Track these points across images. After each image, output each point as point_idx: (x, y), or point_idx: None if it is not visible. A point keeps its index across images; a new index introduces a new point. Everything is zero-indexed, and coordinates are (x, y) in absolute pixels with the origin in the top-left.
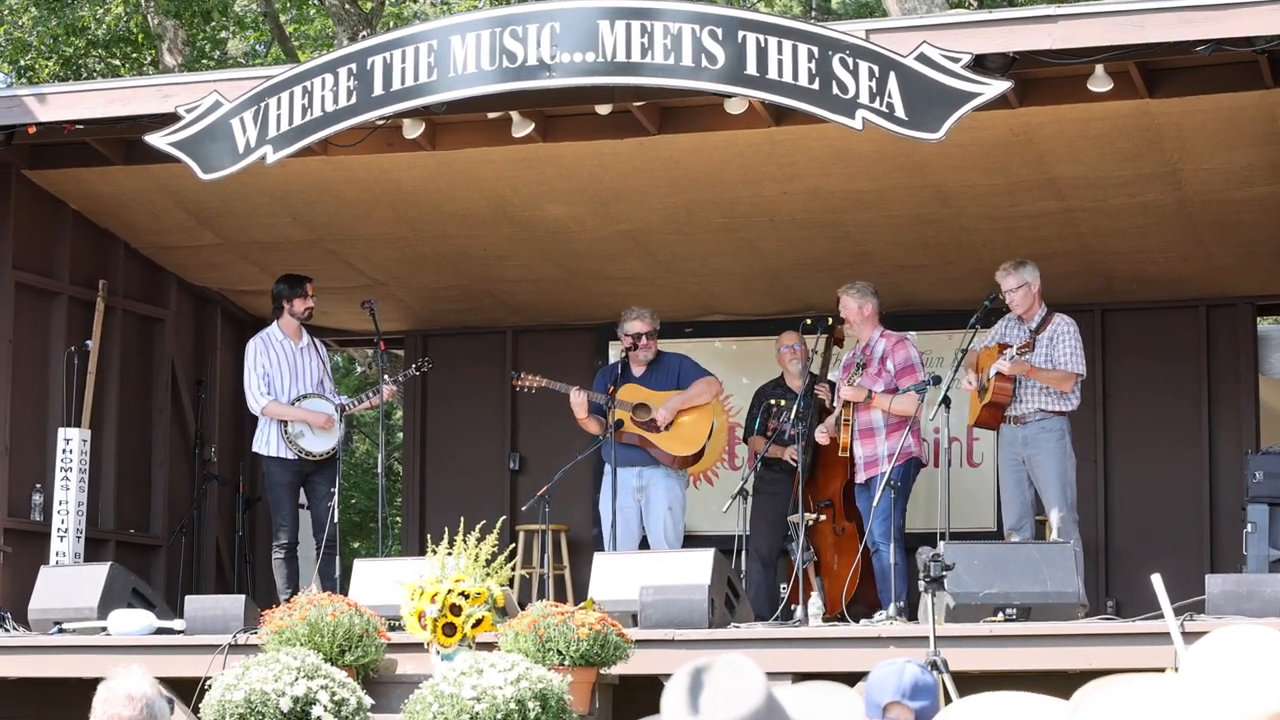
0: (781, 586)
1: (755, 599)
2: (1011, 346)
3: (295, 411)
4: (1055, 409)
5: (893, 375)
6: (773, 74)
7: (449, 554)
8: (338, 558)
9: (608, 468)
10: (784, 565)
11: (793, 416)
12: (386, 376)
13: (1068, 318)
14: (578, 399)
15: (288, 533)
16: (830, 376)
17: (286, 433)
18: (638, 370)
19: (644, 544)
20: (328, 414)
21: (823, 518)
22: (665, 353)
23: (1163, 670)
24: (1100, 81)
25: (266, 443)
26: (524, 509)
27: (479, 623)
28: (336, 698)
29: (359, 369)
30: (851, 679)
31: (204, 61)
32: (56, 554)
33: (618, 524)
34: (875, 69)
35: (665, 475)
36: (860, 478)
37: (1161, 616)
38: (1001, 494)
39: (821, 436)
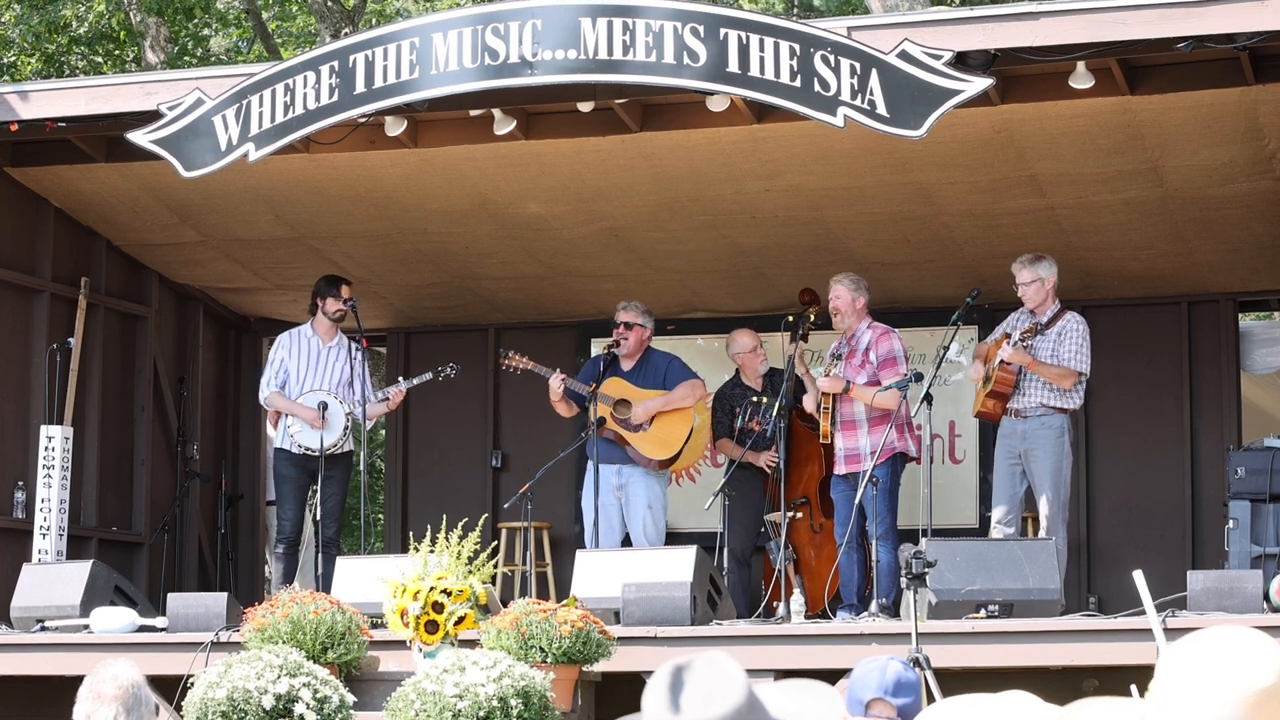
0: (763, 587)
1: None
2: (1014, 333)
3: (289, 404)
4: (1057, 405)
5: (875, 367)
6: (755, 71)
7: (431, 551)
8: (320, 555)
9: (590, 464)
10: (759, 563)
11: (774, 413)
12: (401, 379)
13: (1079, 316)
14: (555, 383)
15: (289, 526)
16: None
17: (289, 427)
18: (626, 365)
19: (627, 541)
20: (314, 410)
21: (799, 515)
22: (655, 351)
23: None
24: (1081, 78)
25: (278, 434)
26: (506, 506)
27: (461, 620)
28: (319, 695)
29: None
30: (834, 676)
31: (186, 59)
32: (39, 551)
33: (599, 521)
34: (857, 66)
35: (644, 474)
36: (840, 469)
37: (1143, 613)
38: (993, 484)
39: (809, 401)
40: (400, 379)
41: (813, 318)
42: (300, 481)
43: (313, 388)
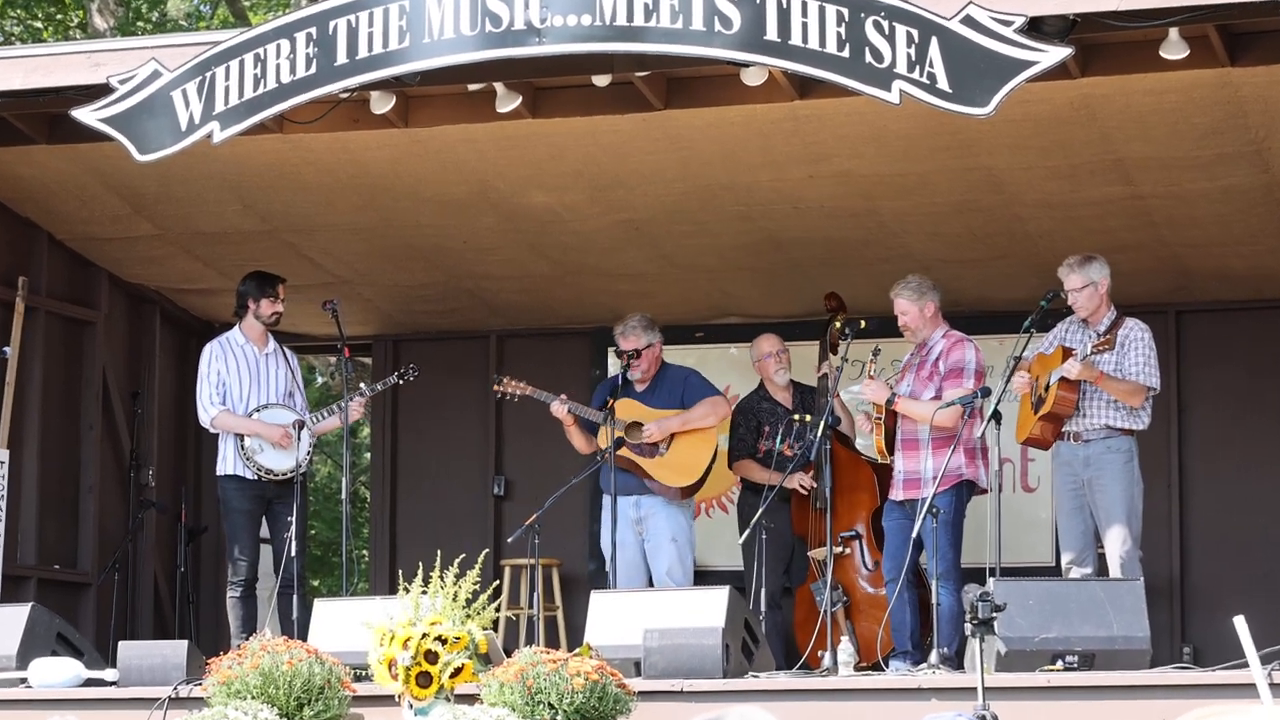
0: (794, 632)
1: None
2: (1078, 349)
3: (247, 423)
4: (1123, 426)
5: (942, 378)
6: (796, 40)
7: (423, 592)
8: (295, 596)
9: (606, 498)
10: (789, 605)
11: (820, 433)
12: (364, 385)
13: (1141, 323)
14: (558, 410)
15: (246, 567)
16: (854, 388)
17: (244, 448)
18: (640, 385)
19: (651, 583)
20: (284, 427)
21: (847, 551)
22: (671, 366)
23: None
24: (1174, 48)
25: (223, 459)
26: (510, 540)
27: (458, 672)
28: None
29: (319, 379)
30: None
31: (140, 24)
32: None
33: (618, 560)
34: (915, 34)
35: (666, 504)
36: (897, 494)
37: (1246, 665)
38: (1059, 523)
39: (863, 424)
40: (362, 385)
41: (863, 324)
42: (256, 513)
43: (260, 402)
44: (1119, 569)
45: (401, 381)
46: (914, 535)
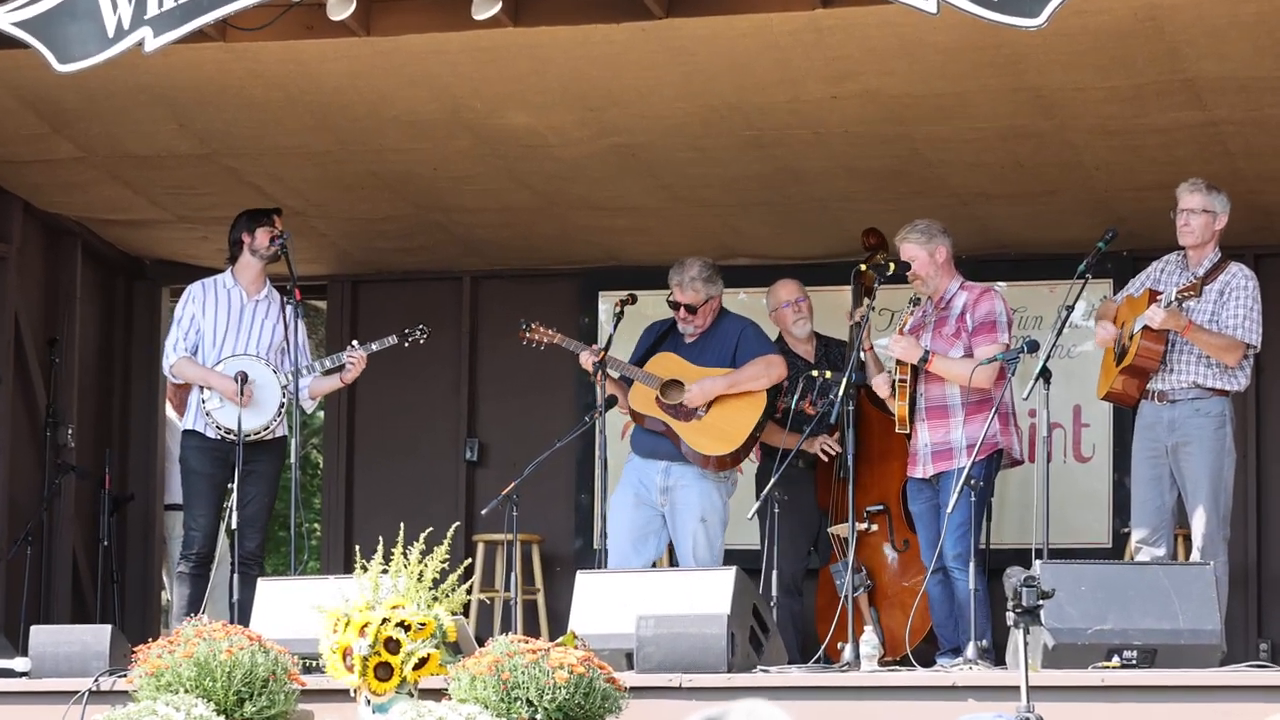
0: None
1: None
2: (1164, 293)
3: (203, 374)
4: (1215, 386)
5: (970, 334)
6: None
7: (384, 572)
8: (235, 575)
9: (633, 457)
10: (811, 590)
11: (842, 391)
12: (356, 343)
13: (1246, 269)
14: (588, 361)
15: (200, 539)
16: (883, 342)
17: (204, 401)
18: (690, 338)
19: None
20: (234, 381)
21: (874, 528)
22: (729, 315)
23: None
24: None
25: (190, 412)
26: (484, 513)
27: (423, 663)
28: None
29: None
30: None
31: None
32: None
33: (633, 533)
34: None
35: (700, 476)
36: (922, 470)
37: None
38: (1133, 494)
39: (880, 384)
40: (355, 343)
41: (893, 268)
42: (218, 477)
43: (234, 352)
44: (1200, 551)
45: (406, 344)
46: (950, 510)
